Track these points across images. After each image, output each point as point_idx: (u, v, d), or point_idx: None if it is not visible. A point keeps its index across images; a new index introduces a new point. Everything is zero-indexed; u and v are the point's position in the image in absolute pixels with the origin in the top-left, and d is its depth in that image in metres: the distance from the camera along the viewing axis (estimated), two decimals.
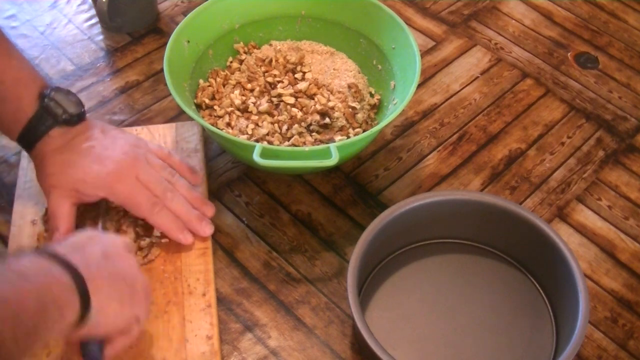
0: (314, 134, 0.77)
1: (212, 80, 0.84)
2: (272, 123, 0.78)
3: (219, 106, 0.81)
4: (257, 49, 0.88)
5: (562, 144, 0.87)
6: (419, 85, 0.90)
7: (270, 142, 0.76)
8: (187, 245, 0.71)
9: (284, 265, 0.74)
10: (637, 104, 0.92)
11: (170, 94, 0.72)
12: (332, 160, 0.67)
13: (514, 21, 1.02)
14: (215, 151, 0.84)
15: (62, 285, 0.50)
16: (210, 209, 0.74)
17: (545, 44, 0.99)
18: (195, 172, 0.76)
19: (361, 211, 0.79)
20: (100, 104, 0.89)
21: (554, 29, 1.01)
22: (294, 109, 0.78)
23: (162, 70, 0.75)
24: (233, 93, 0.81)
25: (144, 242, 0.71)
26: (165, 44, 0.77)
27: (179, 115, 0.87)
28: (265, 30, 0.88)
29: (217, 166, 0.83)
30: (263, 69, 0.84)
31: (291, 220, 0.78)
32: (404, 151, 0.85)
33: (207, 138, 0.85)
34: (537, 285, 0.72)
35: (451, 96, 0.92)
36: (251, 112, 0.79)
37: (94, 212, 0.71)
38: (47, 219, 0.70)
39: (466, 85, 0.93)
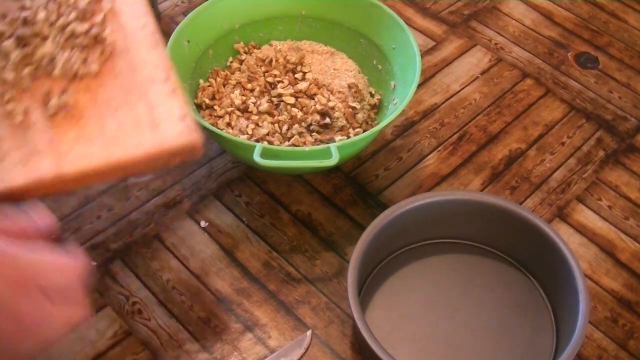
0: (314, 134, 0.77)
1: (212, 80, 0.84)
2: (272, 123, 0.78)
3: (219, 106, 0.81)
4: (257, 49, 0.88)
5: (562, 144, 0.87)
6: (419, 85, 0.90)
7: (270, 142, 0.76)
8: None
9: (284, 265, 0.74)
10: (637, 104, 0.92)
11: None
12: (332, 160, 0.67)
13: (514, 21, 1.02)
14: (215, 151, 0.84)
15: None
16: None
17: (546, 44, 0.99)
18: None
19: (361, 211, 0.79)
20: None
21: (554, 29, 1.02)
22: (294, 109, 0.78)
23: None
24: (233, 93, 0.81)
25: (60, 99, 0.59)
26: (166, 44, 0.77)
27: None
28: (266, 30, 0.88)
29: (217, 166, 0.83)
30: (263, 69, 0.84)
31: (291, 220, 0.78)
32: (404, 151, 0.85)
33: (207, 138, 0.85)
34: (537, 285, 0.72)
35: (451, 96, 0.92)
36: (251, 112, 0.80)
37: None
38: None
39: (466, 85, 0.93)
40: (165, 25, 0.99)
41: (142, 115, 0.59)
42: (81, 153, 0.56)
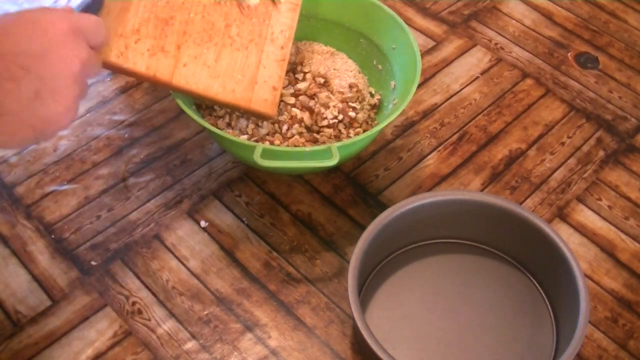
0: (314, 134, 0.77)
1: None
2: (273, 123, 0.78)
3: (219, 106, 0.81)
4: None
5: (562, 144, 0.87)
6: (419, 85, 0.90)
7: (270, 143, 0.76)
8: None
9: (284, 265, 0.74)
10: (637, 104, 0.92)
11: (170, 94, 0.72)
12: (333, 161, 0.67)
13: (514, 21, 1.02)
14: (215, 151, 0.84)
15: None
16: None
17: (546, 44, 0.99)
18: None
19: (361, 211, 0.79)
20: (101, 104, 0.89)
21: (554, 29, 1.01)
22: (294, 109, 0.78)
23: None
24: None
25: None
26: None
27: (179, 115, 0.87)
28: None
29: (217, 166, 0.83)
30: None
31: (291, 220, 0.78)
32: (404, 151, 0.85)
33: (207, 138, 0.85)
34: (537, 285, 0.72)
35: (451, 96, 0.92)
36: None
37: None
38: None
39: (466, 85, 0.93)
40: None
41: (250, 67, 0.71)
42: (191, 73, 0.68)
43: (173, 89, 0.69)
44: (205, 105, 0.81)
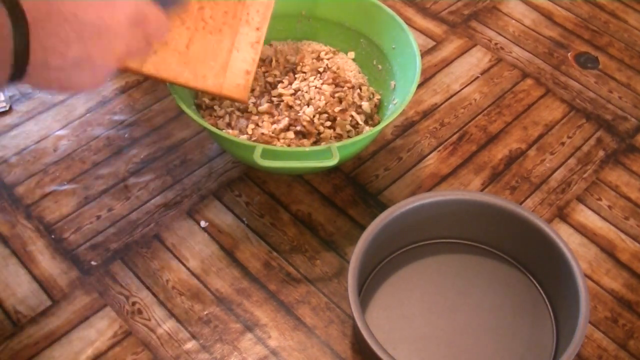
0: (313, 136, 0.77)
1: None
2: (272, 123, 0.78)
3: (219, 106, 0.81)
4: None
5: (562, 144, 0.87)
6: (419, 85, 0.90)
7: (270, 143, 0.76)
8: None
9: (284, 265, 0.74)
10: (637, 104, 0.92)
11: (170, 94, 0.72)
12: (333, 161, 0.67)
13: (514, 21, 1.02)
14: (215, 151, 0.84)
15: None
16: None
17: (546, 44, 0.99)
18: None
19: (361, 211, 0.79)
20: (101, 104, 0.89)
21: (554, 29, 1.01)
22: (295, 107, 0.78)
23: None
24: None
25: None
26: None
27: (179, 115, 0.87)
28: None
29: (217, 166, 0.83)
30: (263, 69, 0.84)
31: (291, 220, 0.78)
32: (404, 151, 0.85)
33: (207, 138, 0.85)
34: (537, 285, 0.72)
35: (451, 96, 0.92)
36: (251, 112, 0.79)
37: None
38: None
39: (466, 85, 0.93)
40: None
41: (222, 51, 0.69)
42: (161, 60, 0.67)
43: (144, 76, 0.68)
44: (205, 105, 0.81)
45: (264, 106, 0.79)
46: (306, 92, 0.80)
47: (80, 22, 0.50)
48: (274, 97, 0.81)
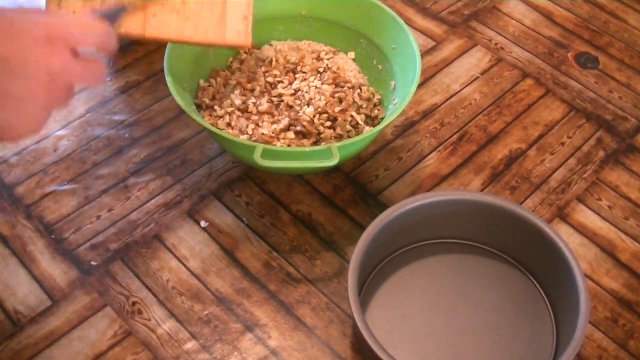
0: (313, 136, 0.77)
1: (213, 80, 0.84)
2: (272, 123, 0.78)
3: (219, 106, 0.81)
4: (257, 49, 0.88)
5: (562, 144, 0.87)
6: (419, 85, 0.90)
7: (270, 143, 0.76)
8: None
9: (284, 265, 0.74)
10: (637, 104, 0.92)
11: (170, 94, 0.72)
12: (333, 161, 0.67)
13: (514, 21, 1.02)
14: (215, 151, 0.84)
15: None
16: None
17: (546, 44, 0.99)
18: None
19: (361, 211, 0.79)
20: (101, 104, 0.89)
21: (554, 29, 1.01)
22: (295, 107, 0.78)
23: (162, 70, 0.75)
24: (233, 93, 0.81)
25: None
26: (166, 44, 0.77)
27: (179, 115, 0.87)
28: (266, 30, 0.88)
29: (217, 166, 0.83)
30: (263, 69, 0.84)
31: (291, 220, 0.78)
32: (404, 151, 0.85)
33: (207, 138, 0.85)
34: (537, 285, 0.72)
35: (451, 96, 0.92)
36: (251, 112, 0.79)
37: None
38: None
39: (466, 85, 0.93)
40: None
41: (217, 1, 0.71)
42: (162, 21, 0.68)
43: (147, 41, 0.69)
44: (205, 105, 0.81)
45: (264, 106, 0.79)
46: (306, 92, 0.80)
47: None
48: (274, 97, 0.81)
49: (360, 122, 0.79)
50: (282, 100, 0.80)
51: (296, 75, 0.83)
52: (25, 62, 0.48)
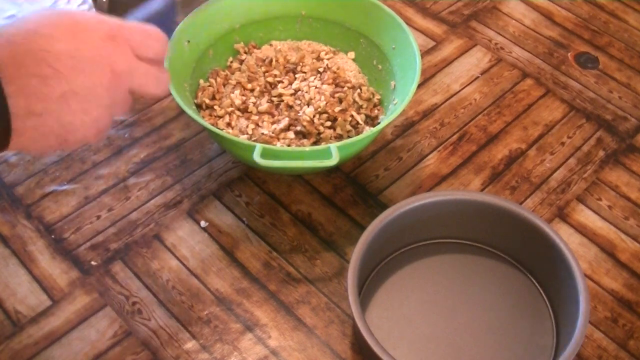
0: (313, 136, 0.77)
1: (213, 80, 0.84)
2: (272, 123, 0.78)
3: (219, 106, 0.81)
4: (257, 49, 0.88)
5: (562, 144, 0.87)
6: (419, 85, 0.90)
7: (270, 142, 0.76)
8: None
9: (284, 265, 0.74)
10: (637, 104, 0.92)
11: (170, 94, 0.72)
12: (333, 161, 0.67)
13: (514, 21, 1.02)
14: (215, 151, 0.84)
15: None
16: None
17: (546, 44, 0.99)
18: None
19: (361, 211, 0.79)
20: None
21: (554, 29, 1.01)
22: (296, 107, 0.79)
23: None
24: (233, 93, 0.81)
25: None
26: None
27: (179, 115, 0.87)
28: (266, 30, 0.88)
29: (217, 166, 0.83)
30: (263, 69, 0.84)
31: (291, 220, 0.78)
32: (404, 151, 0.85)
33: (207, 138, 0.85)
34: (537, 285, 0.72)
35: (451, 96, 0.92)
36: (251, 112, 0.80)
37: None
38: None
39: (466, 85, 0.93)
40: None
41: None
42: None
43: None
44: (205, 105, 0.81)
45: (264, 106, 0.79)
46: (306, 92, 0.80)
47: (53, 56, 0.45)
48: (274, 97, 0.81)
49: (361, 122, 0.79)
50: (282, 100, 0.80)
51: (296, 75, 0.83)
52: (90, 59, 0.47)
